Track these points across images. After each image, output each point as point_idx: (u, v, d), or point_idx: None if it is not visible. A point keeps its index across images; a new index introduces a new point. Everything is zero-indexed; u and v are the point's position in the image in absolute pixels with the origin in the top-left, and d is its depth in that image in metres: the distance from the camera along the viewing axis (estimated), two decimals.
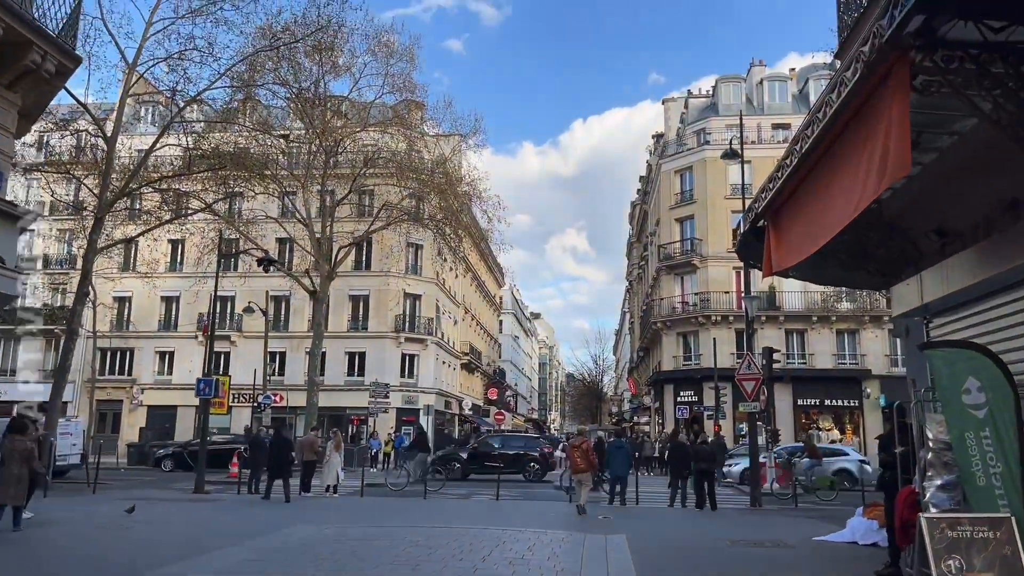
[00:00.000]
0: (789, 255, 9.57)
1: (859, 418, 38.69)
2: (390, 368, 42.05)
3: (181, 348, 42.90)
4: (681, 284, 42.37)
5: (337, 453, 18.30)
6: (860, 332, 38.97)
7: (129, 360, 43.88)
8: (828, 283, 15.88)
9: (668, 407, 41.64)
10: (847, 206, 7.33)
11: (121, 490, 19.32)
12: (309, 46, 30.05)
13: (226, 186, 22.76)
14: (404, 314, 43.34)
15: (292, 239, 36.74)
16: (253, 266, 41.01)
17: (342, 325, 42.87)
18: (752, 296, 18.86)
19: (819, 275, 12.85)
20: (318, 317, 34.74)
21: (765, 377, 18.53)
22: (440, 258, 42.08)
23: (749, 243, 11.64)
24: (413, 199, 35.62)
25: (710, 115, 44.13)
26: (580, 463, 15.46)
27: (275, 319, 43.67)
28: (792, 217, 9.55)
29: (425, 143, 36.34)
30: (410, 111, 35.96)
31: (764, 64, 44.71)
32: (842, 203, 7.65)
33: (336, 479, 18.15)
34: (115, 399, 43.15)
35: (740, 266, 41.33)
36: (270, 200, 35.98)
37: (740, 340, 40.03)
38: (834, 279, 13.79)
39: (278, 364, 42.98)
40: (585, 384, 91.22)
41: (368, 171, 35.41)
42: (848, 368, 38.73)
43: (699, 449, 16.59)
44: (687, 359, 41.54)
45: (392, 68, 33.39)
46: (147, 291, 41.34)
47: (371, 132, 35.55)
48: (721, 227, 40.69)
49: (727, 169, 41.51)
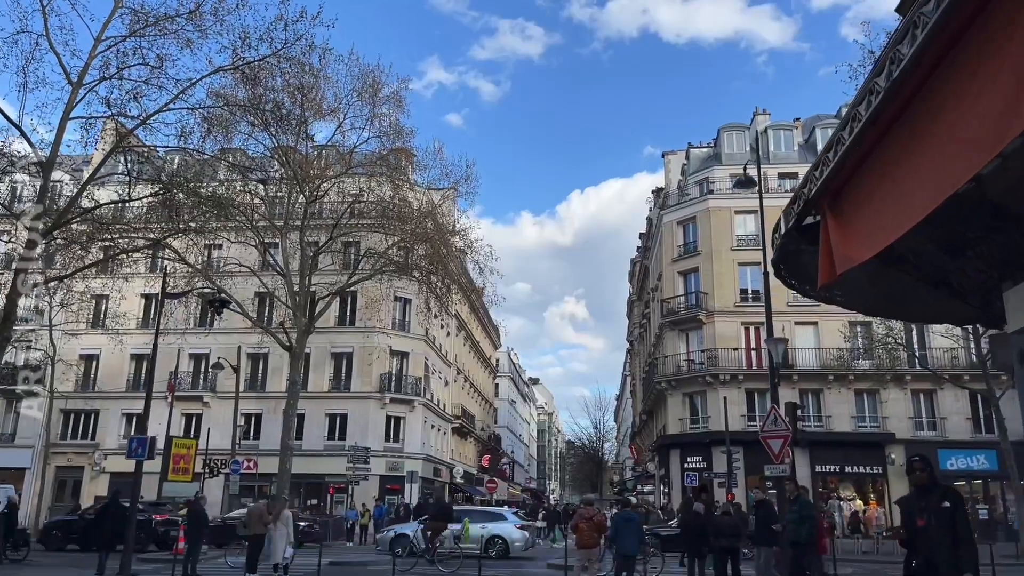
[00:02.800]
0: (861, 247, 6.92)
1: (883, 486, 35.47)
2: (374, 431, 38.98)
3: (151, 410, 39.81)
4: (686, 341, 39.65)
5: (282, 525, 15.34)
6: (880, 392, 36.07)
7: (93, 423, 40.80)
8: (907, 317, 12.82)
9: (675, 474, 38.41)
10: (944, 175, 4.82)
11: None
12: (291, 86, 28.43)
13: (179, 219, 20.27)
14: (390, 373, 40.49)
15: (271, 293, 34.23)
16: (231, 322, 38.71)
17: (323, 385, 40.00)
18: (777, 339, 16.22)
19: (895, 305, 10.00)
20: (294, 375, 31.99)
21: (791, 436, 15.75)
22: (429, 313, 39.44)
23: (790, 250, 9.04)
24: (399, 249, 33.27)
25: (713, 164, 42.23)
26: (588, 538, 12.70)
27: (251, 378, 40.86)
28: (859, 200, 6.92)
29: (413, 190, 34.23)
30: (398, 159, 33.99)
31: (768, 113, 43.06)
32: (934, 173, 5.11)
33: (282, 557, 15.16)
34: (76, 465, 39.93)
35: (750, 321, 38.84)
36: (247, 250, 33.69)
37: (751, 401, 37.15)
38: (917, 311, 10.93)
39: (253, 427, 39.92)
40: (585, 452, 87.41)
41: (351, 221, 33.27)
42: (869, 432, 35.69)
43: (721, 521, 13.69)
44: (694, 422, 38.52)
45: (379, 110, 31.66)
46: (115, 349, 38.67)
47: (356, 179, 33.58)
48: (727, 280, 38.27)
49: (732, 219, 39.46)
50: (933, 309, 9.62)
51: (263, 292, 36.19)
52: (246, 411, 39.84)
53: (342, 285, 32.26)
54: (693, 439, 37.69)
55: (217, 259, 39.85)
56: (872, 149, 6.31)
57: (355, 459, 31.42)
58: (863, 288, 8.17)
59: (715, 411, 36.48)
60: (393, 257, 32.78)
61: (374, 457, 35.68)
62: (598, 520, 13.13)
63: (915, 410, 35.98)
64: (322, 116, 32.28)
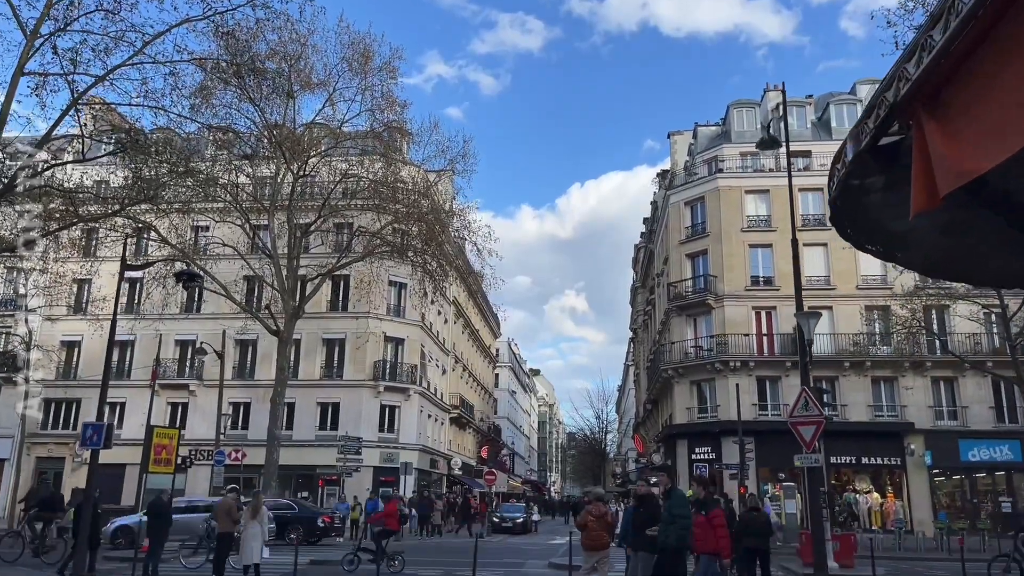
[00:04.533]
0: (982, 153, 5.20)
1: (901, 478, 33.78)
2: (367, 421, 37.30)
3: (133, 398, 38.02)
4: (694, 326, 37.88)
5: (257, 523, 13.64)
6: (899, 380, 34.32)
7: (76, 412, 39.11)
8: (970, 278, 10.84)
9: (682, 465, 36.69)
10: None
11: None
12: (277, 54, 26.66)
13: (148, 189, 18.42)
14: (384, 360, 38.76)
15: (259, 276, 32.46)
16: (218, 307, 36.95)
17: (314, 372, 38.28)
18: (809, 313, 14.45)
19: (961, 263, 8.19)
20: (282, 361, 30.34)
21: (824, 422, 14.06)
22: (425, 299, 37.71)
23: (853, 187, 7.24)
24: (393, 230, 31.48)
25: (722, 142, 40.37)
26: (597, 537, 10.91)
27: (239, 366, 39.19)
28: (977, 93, 5.20)
29: (407, 165, 32.46)
30: (391, 135, 32.19)
31: (780, 89, 41.04)
32: None
33: (255, 557, 13.46)
34: (57, 456, 38.28)
35: (761, 305, 37.05)
36: (236, 233, 31.91)
37: (763, 388, 35.44)
38: (985, 270, 9.06)
39: (242, 417, 38.25)
40: (587, 443, 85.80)
41: (342, 201, 31.51)
42: (887, 421, 33.92)
43: (748, 519, 11.98)
44: (702, 411, 36.79)
45: (370, 80, 29.89)
46: (98, 335, 36.96)
47: (347, 155, 31.81)
48: (738, 262, 36.47)
49: (743, 199, 37.68)
50: (1007, 270, 7.69)
51: (252, 276, 34.38)
52: (234, 400, 38.20)
53: (332, 266, 30.54)
54: (701, 429, 36.00)
55: (205, 243, 38.22)
56: (998, 20, 4.35)
57: (346, 450, 29.73)
58: (931, 241, 6.10)
59: (724, 399, 34.79)
60: (386, 237, 31.05)
61: (367, 448, 34.03)
62: (611, 521, 11.44)
63: (935, 398, 34.26)
64: (311, 89, 30.55)
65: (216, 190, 30.42)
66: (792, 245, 15.09)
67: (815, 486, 14.10)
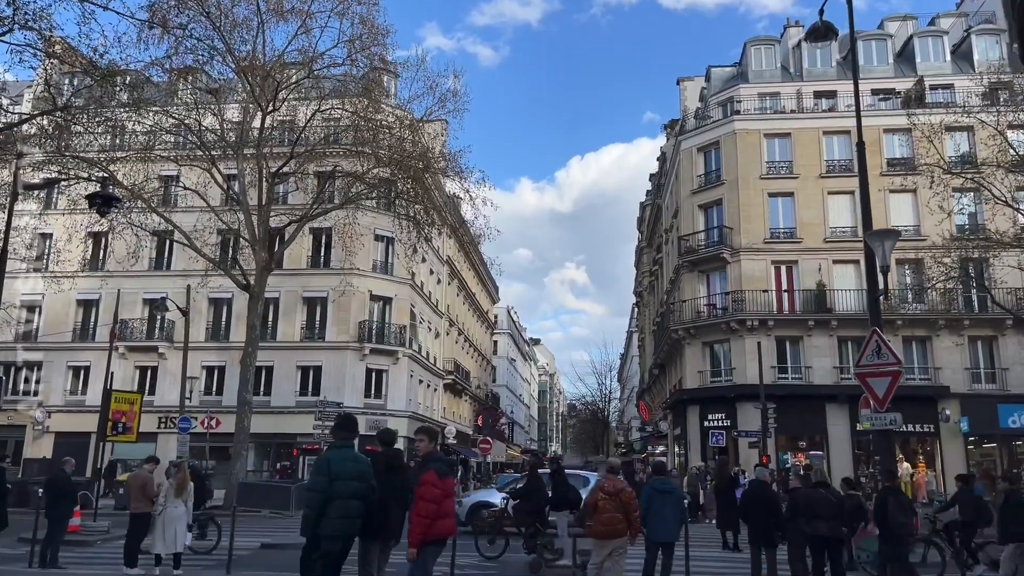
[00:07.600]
0: None
1: (934, 446, 30.93)
2: (351, 386, 34.41)
3: (98, 362, 34.97)
4: (707, 283, 34.75)
5: (180, 501, 10.67)
6: (932, 340, 31.32)
7: (36, 377, 36.21)
8: None
9: (693, 433, 33.87)
10: None
11: None
12: None
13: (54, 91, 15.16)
14: (370, 320, 35.72)
15: (234, 231, 29.24)
16: (190, 263, 33.73)
17: (294, 333, 35.27)
18: (885, 231, 11.24)
19: None
20: (252, 318, 27.34)
21: (901, 372, 11.06)
22: (416, 256, 34.58)
23: None
24: (376, 175, 28.24)
25: (739, 83, 36.90)
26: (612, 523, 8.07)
27: (213, 327, 36.22)
28: None
29: (390, 100, 29.15)
30: (374, 71, 28.75)
31: (800, 25, 37.62)
32: None
33: (176, 544, 10.50)
34: (18, 424, 35.42)
35: (781, 259, 33.61)
36: (209, 185, 28.69)
37: (782, 350, 32.43)
38: None
39: (216, 381, 35.37)
40: (589, 410, 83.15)
41: (319, 141, 28.26)
42: (919, 385, 30.88)
43: (814, 497, 8.95)
44: (715, 374, 33.83)
45: (349, 4, 26.42)
46: (60, 294, 33.94)
47: (322, 90, 28.46)
48: (756, 213, 33.25)
49: (762, 143, 34.35)
50: None
51: (226, 230, 31.09)
52: (208, 363, 35.37)
53: (307, 211, 27.38)
54: (715, 394, 33.05)
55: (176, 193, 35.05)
56: None
57: (324, 416, 26.80)
58: None
59: (740, 362, 31.84)
60: (368, 181, 27.84)
61: (351, 414, 31.11)
62: (626, 497, 8.44)
63: (972, 360, 31.26)
64: (283, 17, 27.19)
65: (180, 129, 27.34)
66: (857, 128, 11.86)
67: (887, 456, 11.11)
